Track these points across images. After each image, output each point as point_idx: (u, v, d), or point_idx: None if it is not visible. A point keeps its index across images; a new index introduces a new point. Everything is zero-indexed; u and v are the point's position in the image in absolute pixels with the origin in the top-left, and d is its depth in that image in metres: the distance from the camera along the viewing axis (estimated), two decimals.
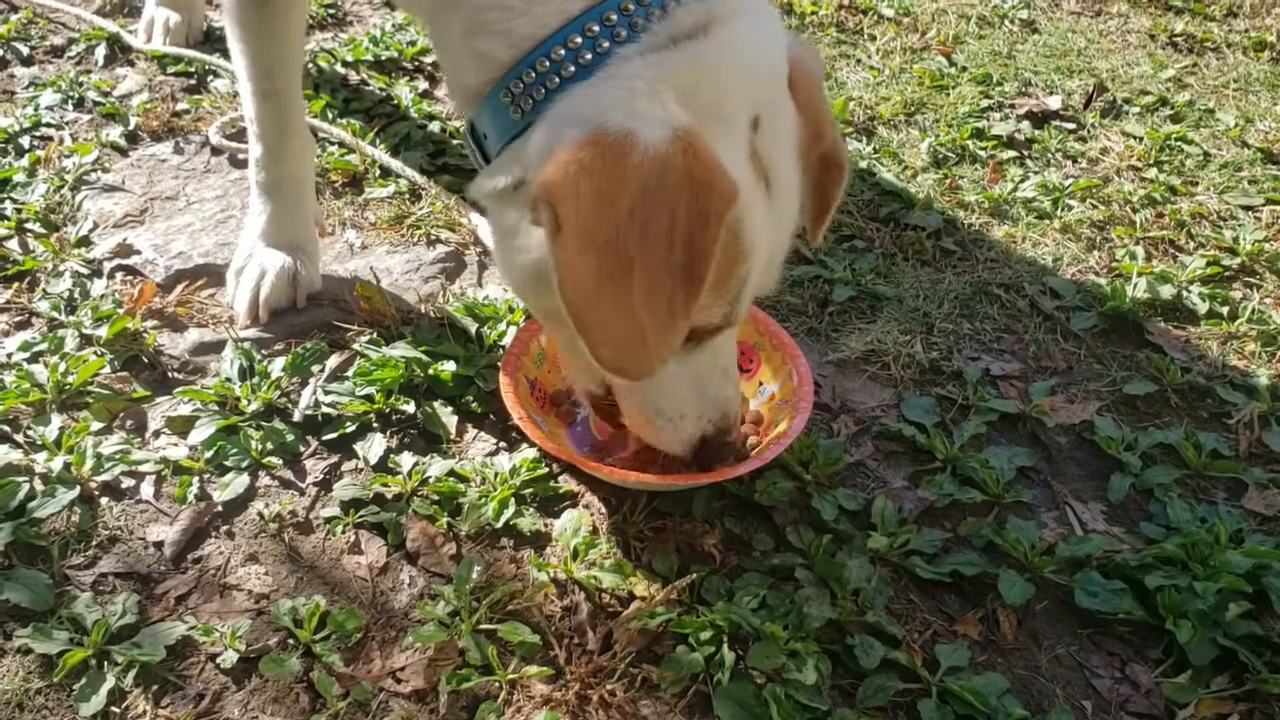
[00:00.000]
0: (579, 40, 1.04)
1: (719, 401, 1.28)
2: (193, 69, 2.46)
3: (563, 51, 1.04)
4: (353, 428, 1.52)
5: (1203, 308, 1.90)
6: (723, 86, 1.05)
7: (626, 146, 0.95)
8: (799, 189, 1.16)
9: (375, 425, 1.53)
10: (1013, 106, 2.58)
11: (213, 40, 2.56)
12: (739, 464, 1.36)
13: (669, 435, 1.29)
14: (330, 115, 2.29)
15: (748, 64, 1.08)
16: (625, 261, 0.96)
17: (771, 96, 1.11)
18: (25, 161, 2.07)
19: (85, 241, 1.87)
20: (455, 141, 2.26)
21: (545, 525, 1.40)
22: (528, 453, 1.49)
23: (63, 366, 1.55)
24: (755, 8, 1.11)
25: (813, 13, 3.02)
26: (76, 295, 1.73)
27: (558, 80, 1.05)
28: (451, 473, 1.46)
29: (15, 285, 1.75)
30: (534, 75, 1.06)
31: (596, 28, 1.03)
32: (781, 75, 1.12)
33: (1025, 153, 2.39)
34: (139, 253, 1.85)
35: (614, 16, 1.03)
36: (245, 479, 1.43)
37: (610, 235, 0.95)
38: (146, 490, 1.42)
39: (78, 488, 1.38)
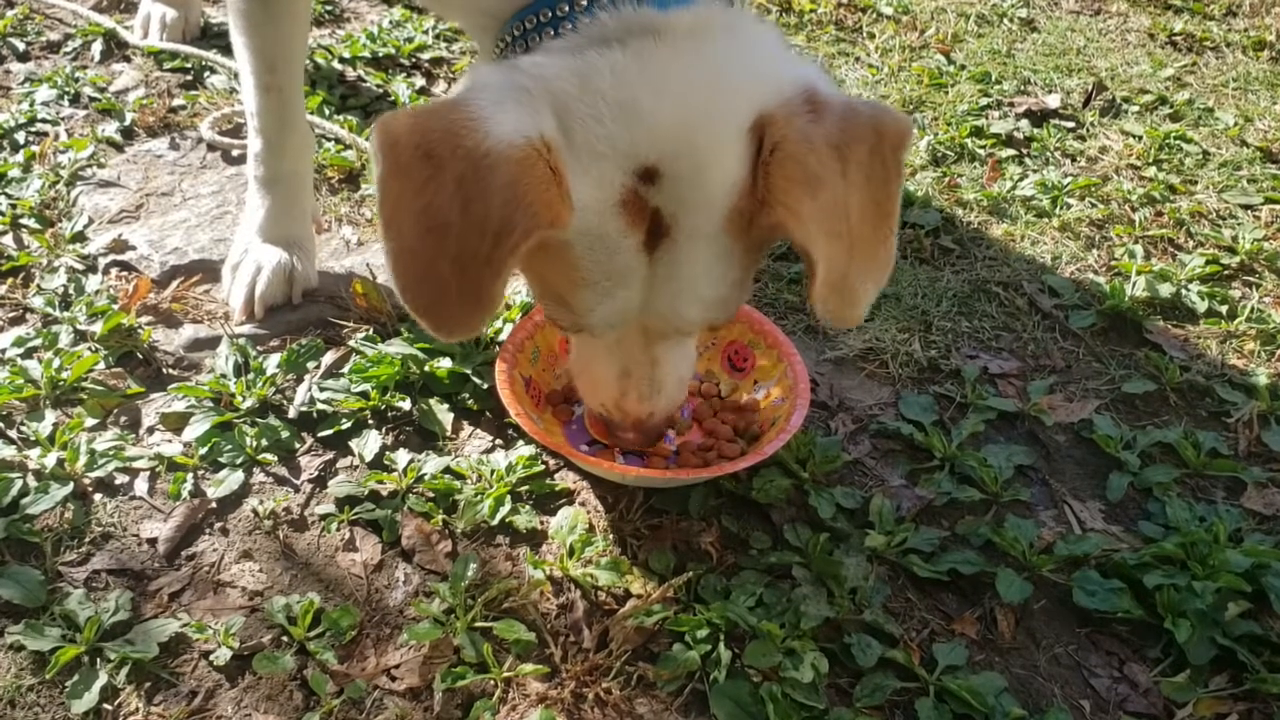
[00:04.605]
0: (535, 20, 1.07)
1: (615, 396, 1.26)
2: (189, 65, 2.44)
3: (525, 27, 1.08)
4: (348, 424, 1.51)
5: (1202, 306, 1.89)
6: (598, 113, 0.98)
7: (469, 126, 0.96)
8: (718, 256, 1.07)
9: (371, 422, 1.53)
10: (1012, 105, 2.57)
11: (209, 36, 2.55)
12: (738, 459, 1.36)
13: (591, 396, 1.32)
14: (327, 111, 2.29)
15: (653, 97, 0.98)
16: (444, 224, 0.97)
17: (688, 147, 0.99)
18: (20, 157, 2.06)
19: (80, 237, 1.87)
20: None
21: (541, 523, 1.39)
22: (524, 450, 1.48)
23: (57, 362, 1.54)
24: (713, 30, 1.01)
25: (811, 10, 3.01)
26: (71, 291, 1.72)
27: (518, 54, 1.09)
28: (447, 470, 1.45)
29: (9, 281, 1.74)
30: (507, 41, 1.11)
31: (550, 13, 1.06)
32: (721, 124, 1.00)
33: (1024, 151, 2.39)
34: (134, 248, 1.84)
35: (565, 8, 1.05)
36: (240, 475, 1.42)
37: (433, 195, 0.96)
38: (140, 487, 1.41)
39: (71, 484, 1.38)
